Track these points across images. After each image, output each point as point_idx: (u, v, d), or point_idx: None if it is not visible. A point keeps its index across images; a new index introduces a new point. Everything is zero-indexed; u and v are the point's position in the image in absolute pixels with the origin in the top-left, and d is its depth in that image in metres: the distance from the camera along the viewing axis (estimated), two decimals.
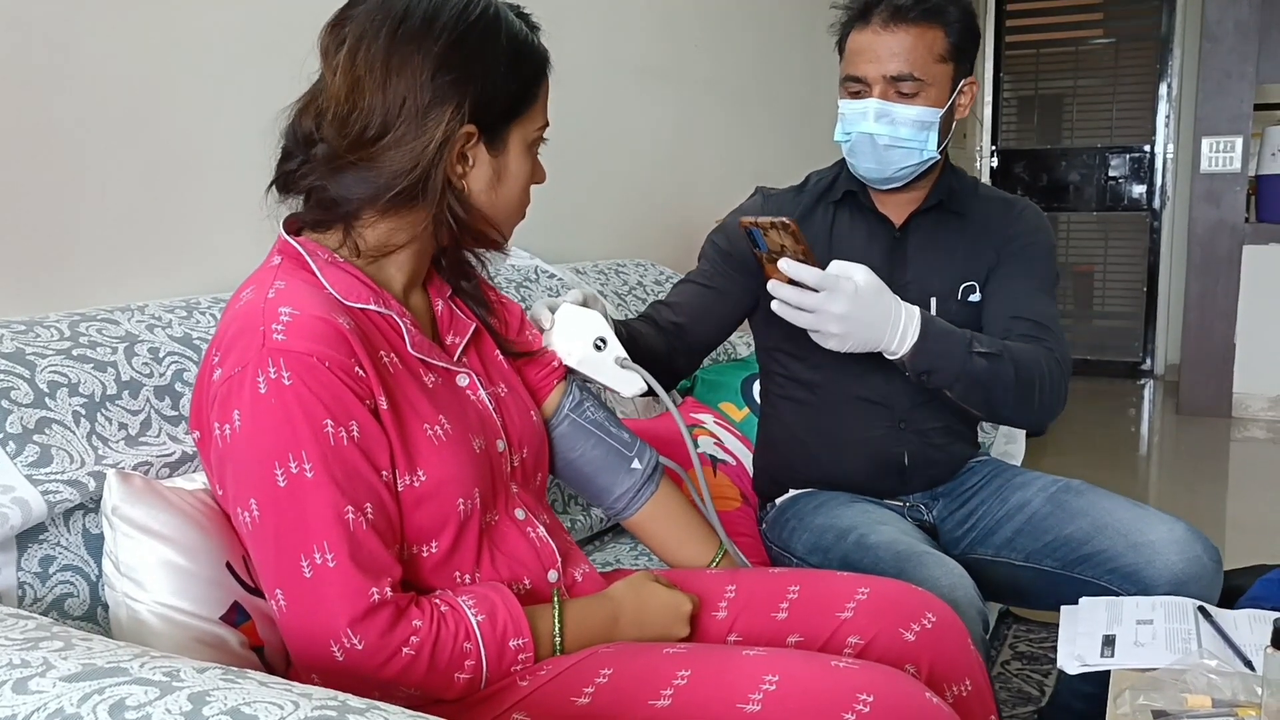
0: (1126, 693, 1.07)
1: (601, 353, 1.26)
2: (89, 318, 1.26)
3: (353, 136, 1.00)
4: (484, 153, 1.06)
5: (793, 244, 1.29)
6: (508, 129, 1.07)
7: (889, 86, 1.51)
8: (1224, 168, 4.80)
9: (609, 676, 1.01)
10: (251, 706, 0.66)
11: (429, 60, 1.00)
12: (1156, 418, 5.28)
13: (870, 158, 1.55)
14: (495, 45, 1.04)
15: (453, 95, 1.01)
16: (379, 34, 1.00)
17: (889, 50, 1.50)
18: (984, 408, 1.50)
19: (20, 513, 1.03)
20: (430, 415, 1.05)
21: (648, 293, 2.36)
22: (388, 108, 1.00)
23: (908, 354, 1.39)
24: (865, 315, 1.33)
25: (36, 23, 1.37)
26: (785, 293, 1.32)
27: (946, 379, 1.43)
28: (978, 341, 1.44)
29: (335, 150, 1.01)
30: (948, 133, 1.58)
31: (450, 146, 1.02)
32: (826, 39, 1.66)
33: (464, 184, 1.06)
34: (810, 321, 1.33)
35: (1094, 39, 6.40)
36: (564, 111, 1.28)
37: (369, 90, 1.00)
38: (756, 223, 1.31)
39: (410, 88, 1.00)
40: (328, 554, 0.93)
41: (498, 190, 1.08)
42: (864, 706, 0.94)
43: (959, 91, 1.56)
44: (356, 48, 1.01)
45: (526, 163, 1.11)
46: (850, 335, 1.34)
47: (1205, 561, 1.44)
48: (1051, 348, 1.51)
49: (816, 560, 1.55)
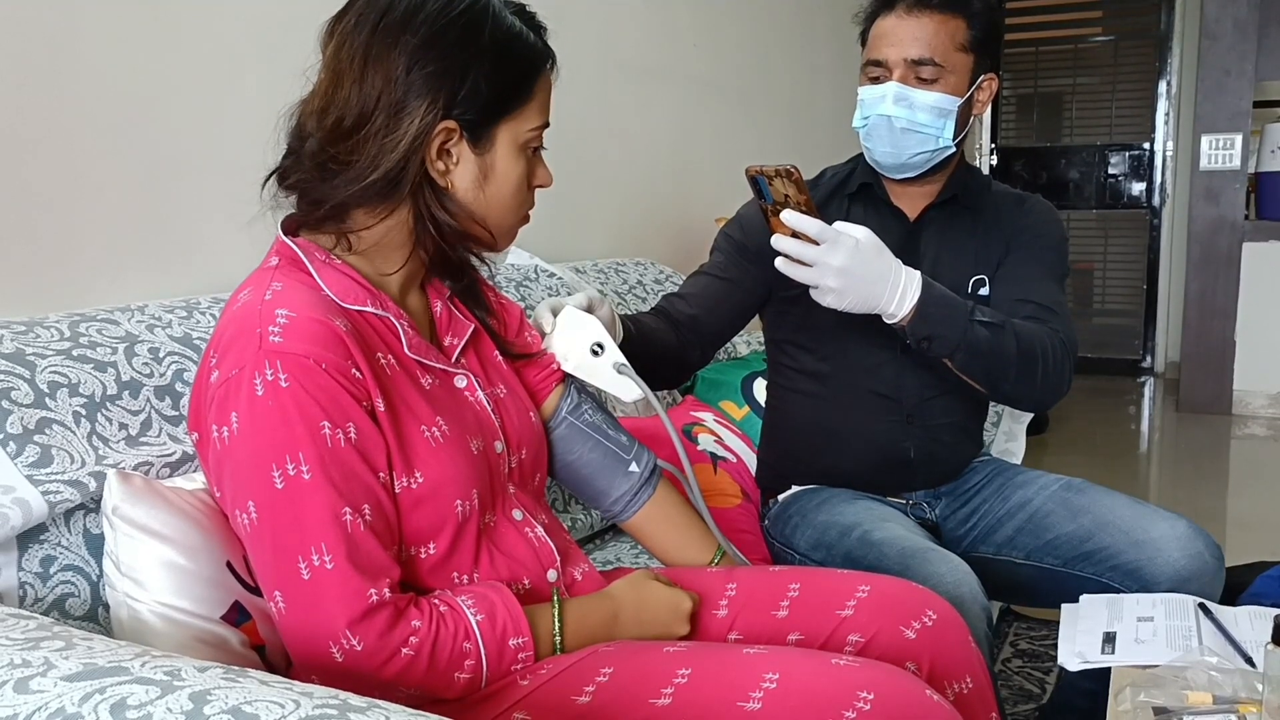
0: (1127, 690, 1.07)
1: (599, 358, 1.25)
2: (89, 318, 1.26)
3: (329, 129, 1.01)
4: (467, 150, 1.05)
5: (796, 194, 1.30)
6: (494, 127, 1.05)
7: (909, 71, 1.52)
8: (1223, 165, 4.81)
9: (610, 675, 1.01)
10: (253, 705, 0.66)
11: (405, 54, 1.00)
12: (1156, 415, 5.28)
13: (886, 141, 1.55)
14: (478, 41, 1.02)
15: (428, 90, 1.00)
16: (363, 29, 1.01)
17: (911, 35, 1.51)
18: (985, 380, 1.47)
19: (21, 513, 1.03)
20: (427, 417, 1.05)
21: (647, 291, 2.36)
22: (364, 101, 1.00)
23: (907, 317, 1.38)
24: (864, 271, 1.33)
25: (36, 23, 1.37)
26: (786, 245, 1.32)
27: (947, 346, 1.41)
28: (980, 311, 1.44)
29: (318, 145, 1.01)
30: (965, 125, 1.58)
31: (427, 142, 1.01)
32: (825, 37, 1.67)
33: (448, 181, 1.05)
34: (809, 276, 1.33)
35: (1093, 37, 6.41)
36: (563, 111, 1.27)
37: (348, 83, 1.00)
38: (762, 170, 1.32)
39: (386, 81, 0.99)
40: (325, 555, 0.93)
41: (484, 189, 1.07)
42: (865, 704, 0.94)
43: (978, 86, 1.56)
44: (342, 43, 1.02)
45: (519, 163, 1.08)
46: (848, 291, 1.33)
47: (1207, 559, 1.44)
48: (1056, 329, 1.51)
49: (819, 557, 1.55)
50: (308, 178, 1.03)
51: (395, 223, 1.05)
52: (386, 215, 1.04)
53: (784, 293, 1.66)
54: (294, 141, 1.05)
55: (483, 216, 1.08)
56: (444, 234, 1.06)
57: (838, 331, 1.64)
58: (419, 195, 1.03)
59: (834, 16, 4.11)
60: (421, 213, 1.04)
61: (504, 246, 1.14)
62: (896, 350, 1.63)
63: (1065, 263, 1.66)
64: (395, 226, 1.05)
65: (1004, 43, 1.61)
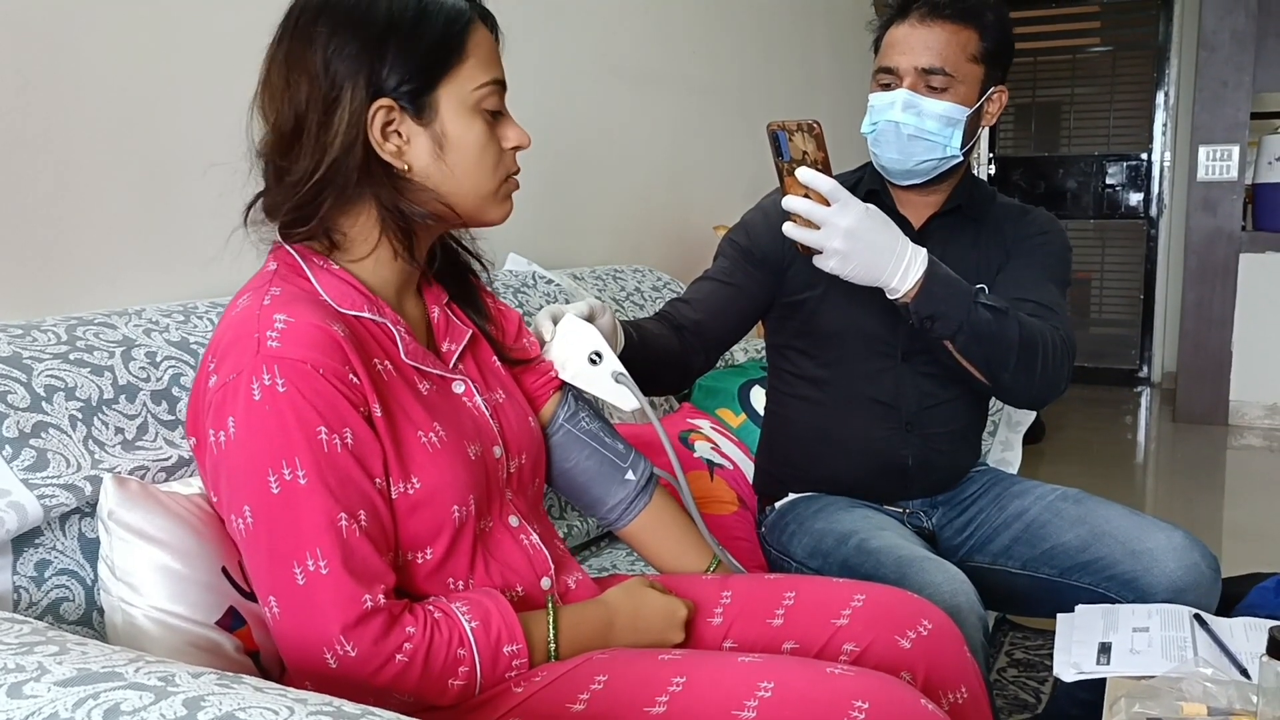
0: (1122, 700, 1.07)
1: (597, 367, 1.25)
2: (86, 322, 1.26)
3: (273, 144, 1.02)
4: (413, 125, 1.03)
5: (814, 150, 1.30)
6: (432, 94, 1.03)
7: (919, 79, 1.53)
8: (1221, 176, 4.81)
9: (604, 683, 1.00)
10: (246, 712, 0.66)
11: (320, 47, 1.00)
12: (1153, 426, 5.28)
13: (894, 147, 1.56)
14: (387, 14, 1.01)
15: (350, 74, 1.00)
16: (281, 40, 1.03)
17: (923, 43, 1.52)
18: (985, 368, 1.47)
19: (16, 517, 1.03)
20: (424, 423, 1.05)
21: (645, 298, 2.36)
22: (295, 104, 1.00)
23: (912, 293, 1.38)
24: (871, 236, 1.33)
25: (34, 25, 1.37)
26: (797, 204, 1.33)
27: (950, 327, 1.41)
28: (984, 295, 1.44)
29: (270, 162, 1.03)
30: (973, 135, 1.59)
31: (364, 126, 1.01)
32: (823, 45, 1.68)
33: (405, 163, 1.04)
34: (817, 237, 1.33)
35: (1091, 47, 6.42)
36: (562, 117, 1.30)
37: (279, 94, 1.01)
38: (784, 125, 1.32)
39: (310, 79, 1.00)
40: (320, 561, 0.93)
41: (444, 159, 1.05)
42: (859, 714, 0.94)
43: (988, 98, 1.57)
44: (270, 58, 1.03)
45: (474, 125, 1.06)
46: (853, 255, 1.33)
47: (1203, 569, 1.44)
48: (1056, 326, 1.51)
49: (816, 564, 1.55)
50: (273, 193, 1.04)
51: (368, 220, 1.05)
52: (359, 216, 1.05)
53: (787, 298, 1.66)
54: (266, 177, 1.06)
55: (451, 190, 1.06)
56: (409, 219, 1.05)
57: (839, 338, 1.64)
58: (377, 185, 1.03)
59: (831, 23, 4.13)
60: (385, 203, 1.04)
61: (494, 216, 1.11)
62: (897, 358, 1.64)
63: (1067, 271, 1.66)
64: (373, 227, 1.05)
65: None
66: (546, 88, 2.46)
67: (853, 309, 1.61)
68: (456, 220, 1.10)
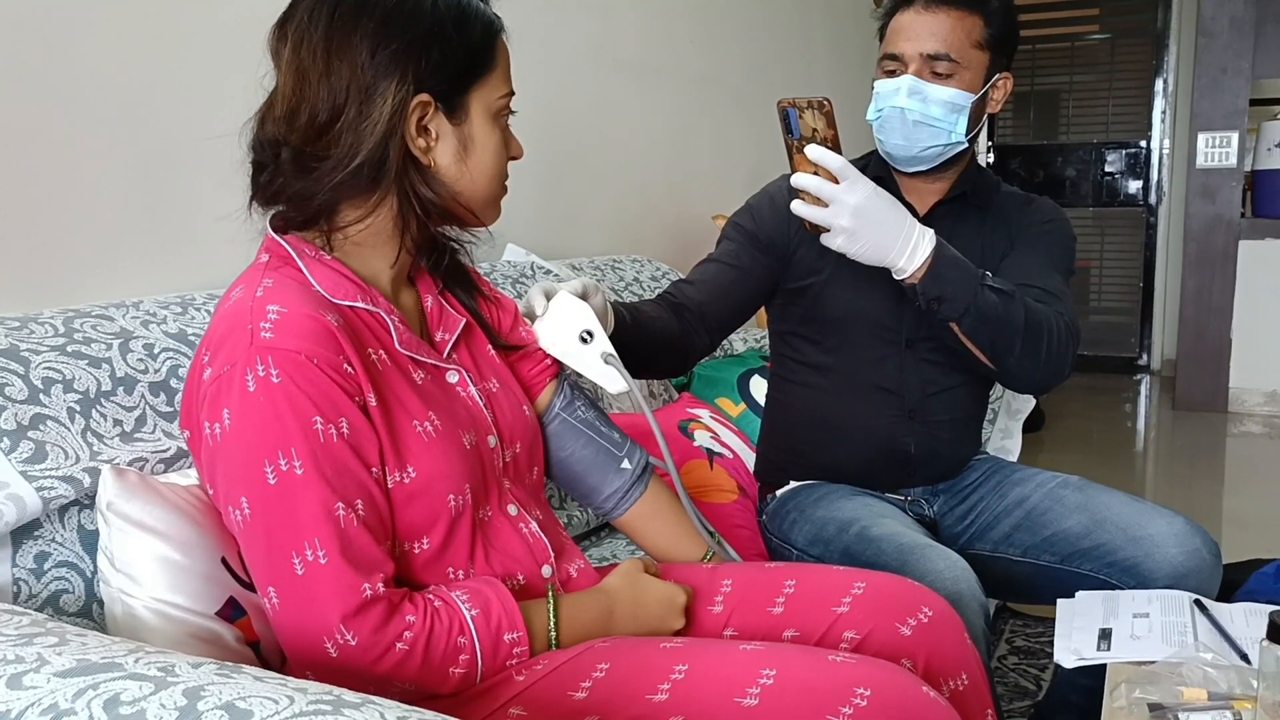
0: (1123, 686, 1.07)
1: (587, 346, 1.24)
2: (83, 314, 1.26)
3: (302, 129, 1.01)
4: (445, 123, 1.05)
5: (824, 128, 1.30)
6: (466, 96, 1.06)
7: (924, 65, 1.53)
8: (1220, 163, 4.81)
9: (606, 671, 1.00)
10: (246, 701, 0.66)
11: (367, 38, 1.00)
12: (1153, 413, 5.29)
13: (898, 133, 1.56)
14: (434, 12, 1.02)
15: (396, 68, 1.00)
16: (318, 24, 1.01)
17: (928, 29, 1.52)
18: (990, 351, 1.46)
19: (15, 509, 1.03)
20: (419, 412, 1.04)
21: (644, 288, 2.36)
22: (334, 93, 1.00)
23: (919, 273, 1.38)
24: (879, 216, 1.34)
25: (33, 22, 1.36)
26: (806, 181, 1.33)
27: (956, 309, 1.41)
28: (990, 277, 1.44)
29: (295, 149, 1.01)
30: (978, 122, 1.59)
31: (404, 119, 1.01)
32: (822, 35, 1.67)
33: (431, 159, 1.05)
34: (825, 215, 1.33)
35: (1090, 35, 6.41)
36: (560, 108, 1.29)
37: (315, 80, 1.00)
38: (794, 102, 1.32)
39: (353, 68, 1.00)
40: (319, 550, 0.93)
41: (466, 162, 1.07)
42: (861, 700, 0.94)
43: (992, 84, 1.57)
44: (299, 42, 1.02)
45: (494, 132, 1.09)
46: (860, 233, 1.33)
47: (1204, 555, 1.45)
48: (1061, 311, 1.51)
49: (817, 552, 1.55)
50: (290, 181, 1.03)
51: (384, 214, 1.05)
52: (375, 207, 1.04)
53: (792, 283, 1.66)
54: (261, 155, 1.05)
55: (466, 191, 1.08)
56: (429, 213, 1.06)
57: (843, 323, 1.64)
58: (404, 177, 1.03)
59: (830, 13, 4.12)
60: (407, 192, 1.04)
61: (490, 220, 1.14)
62: (901, 345, 1.64)
63: (1071, 259, 1.66)
64: (384, 218, 1.05)
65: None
66: (545, 78, 2.45)
67: (857, 295, 1.61)
68: (465, 218, 1.11)
